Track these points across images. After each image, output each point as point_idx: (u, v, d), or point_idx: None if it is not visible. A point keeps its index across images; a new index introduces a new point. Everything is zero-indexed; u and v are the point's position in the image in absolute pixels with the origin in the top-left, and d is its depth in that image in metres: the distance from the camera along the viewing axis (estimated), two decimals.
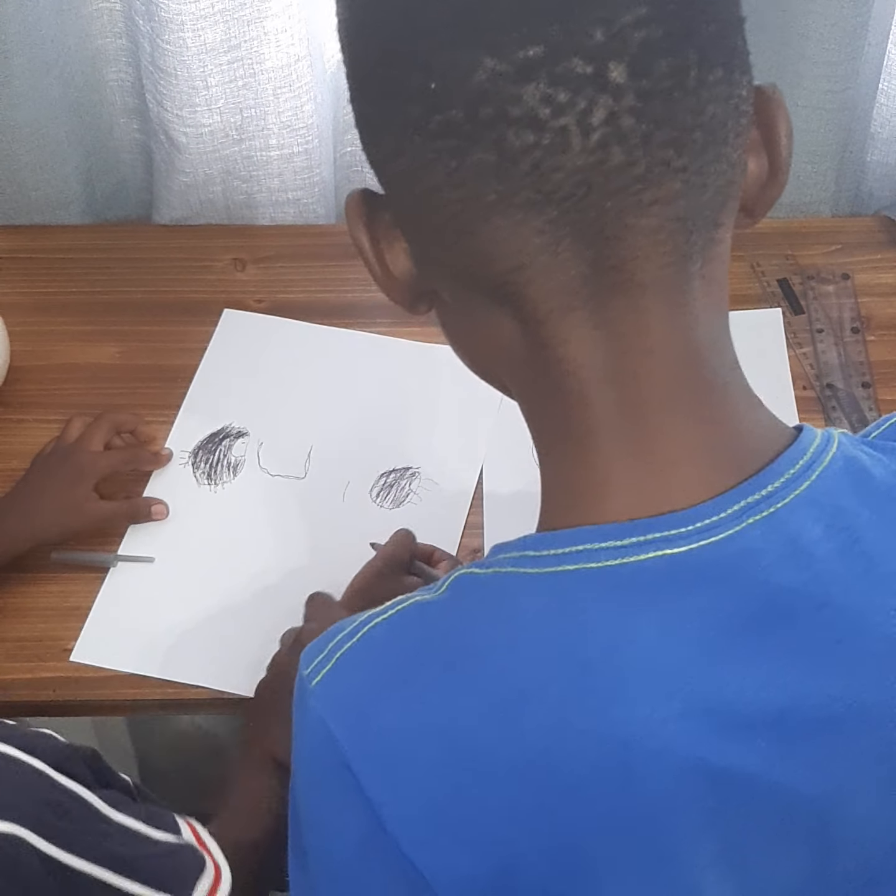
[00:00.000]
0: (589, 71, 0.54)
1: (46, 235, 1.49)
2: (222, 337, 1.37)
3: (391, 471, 1.26)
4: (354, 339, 1.37)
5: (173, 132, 1.42)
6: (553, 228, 0.57)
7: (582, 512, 0.63)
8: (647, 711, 0.61)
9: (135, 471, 1.25)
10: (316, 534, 1.21)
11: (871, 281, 1.40)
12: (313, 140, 1.44)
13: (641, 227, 0.58)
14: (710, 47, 0.57)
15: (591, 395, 0.62)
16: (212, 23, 1.32)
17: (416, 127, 0.58)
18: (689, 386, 0.62)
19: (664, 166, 0.57)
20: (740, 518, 0.62)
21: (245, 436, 1.29)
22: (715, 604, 0.61)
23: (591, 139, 0.55)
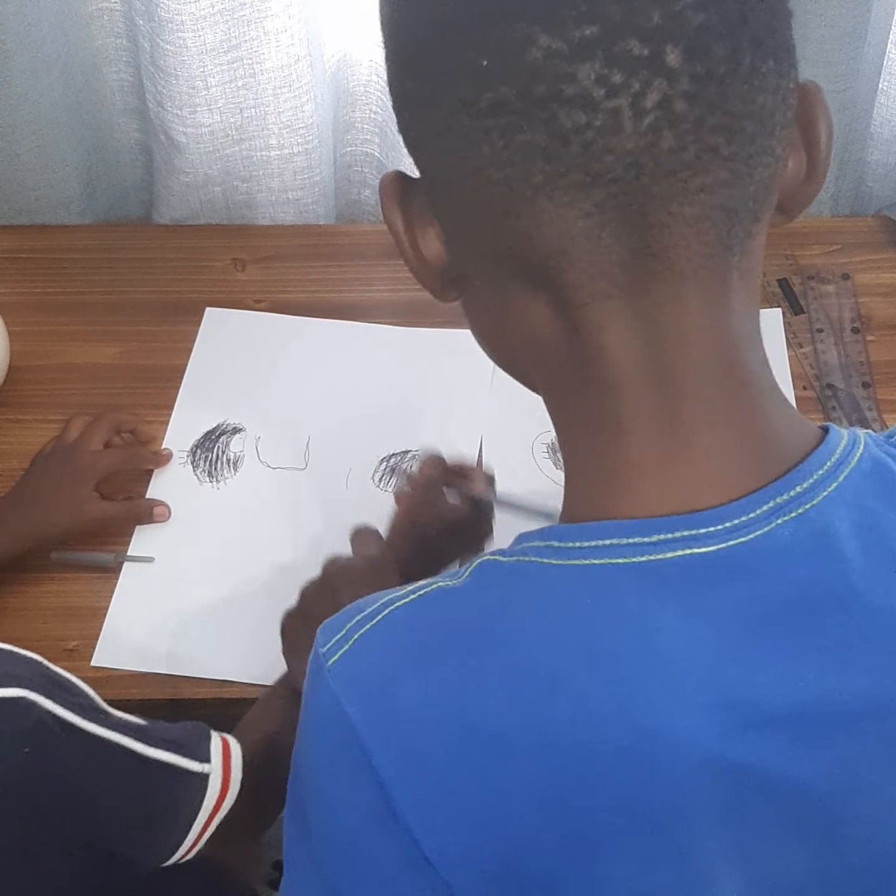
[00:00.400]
0: (645, 53, 0.54)
1: (47, 235, 1.49)
2: (206, 336, 1.38)
3: (391, 455, 1.27)
4: (340, 329, 1.38)
5: (173, 132, 1.42)
6: (598, 212, 0.57)
7: (610, 505, 0.63)
8: (673, 704, 0.61)
9: (135, 470, 1.25)
10: (322, 522, 1.22)
11: (871, 281, 1.40)
12: (313, 140, 1.44)
13: (686, 215, 0.57)
14: (764, 36, 0.57)
15: (624, 385, 0.62)
16: (212, 23, 1.32)
17: (465, 105, 0.57)
18: (724, 380, 0.62)
19: (713, 153, 0.56)
20: (769, 518, 0.61)
21: (242, 431, 1.29)
22: (741, 601, 0.61)
23: (643, 122, 0.55)
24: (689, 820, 0.62)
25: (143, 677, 1.13)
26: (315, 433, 1.29)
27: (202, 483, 1.26)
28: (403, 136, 0.64)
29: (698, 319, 0.60)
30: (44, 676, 0.82)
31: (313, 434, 1.29)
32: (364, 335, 1.37)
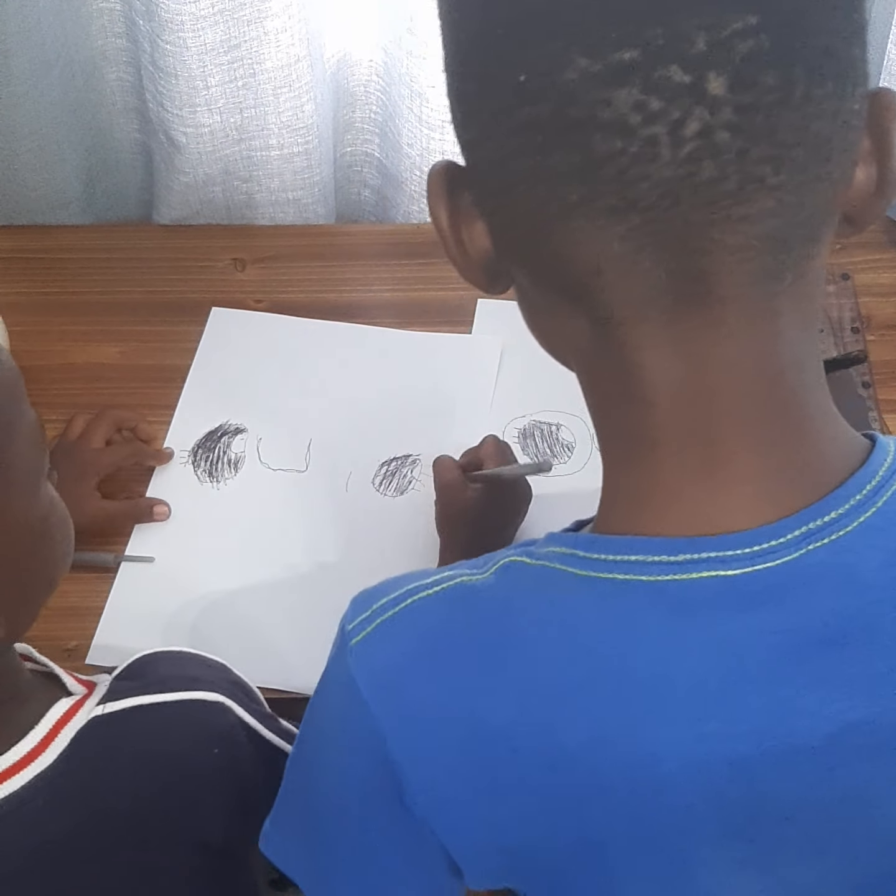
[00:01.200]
0: (686, 80, 0.52)
1: (47, 235, 1.49)
2: (212, 335, 1.38)
3: (392, 459, 1.26)
4: (345, 331, 1.38)
5: (173, 132, 1.42)
6: (635, 236, 0.55)
7: (639, 520, 0.62)
8: (683, 729, 0.60)
9: (137, 466, 1.25)
10: (321, 525, 1.22)
11: (872, 281, 1.40)
12: (313, 140, 1.44)
13: (728, 243, 0.55)
14: (822, 60, 0.54)
15: (660, 404, 0.60)
16: (212, 23, 1.32)
17: (503, 117, 0.56)
18: (764, 405, 0.60)
19: (758, 183, 0.54)
20: (800, 544, 0.60)
21: (243, 432, 1.29)
22: (763, 628, 0.60)
23: (681, 151, 0.53)
24: (696, 839, 0.63)
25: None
26: (317, 436, 1.29)
27: (202, 483, 1.25)
28: (455, 129, 0.62)
29: (739, 343, 0.59)
30: (231, 682, 0.88)
31: (315, 436, 1.29)
32: (369, 338, 1.37)
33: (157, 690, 0.83)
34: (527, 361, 1.32)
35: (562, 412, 1.28)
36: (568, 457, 1.25)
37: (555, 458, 1.25)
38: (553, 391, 1.29)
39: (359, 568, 1.17)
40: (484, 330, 1.35)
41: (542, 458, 1.09)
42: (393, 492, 1.24)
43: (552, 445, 1.26)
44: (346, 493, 1.24)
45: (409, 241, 1.47)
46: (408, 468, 1.25)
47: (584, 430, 1.26)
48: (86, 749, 0.80)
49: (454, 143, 0.63)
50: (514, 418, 1.28)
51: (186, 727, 0.83)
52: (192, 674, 0.86)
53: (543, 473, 1.08)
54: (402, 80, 1.40)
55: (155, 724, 0.82)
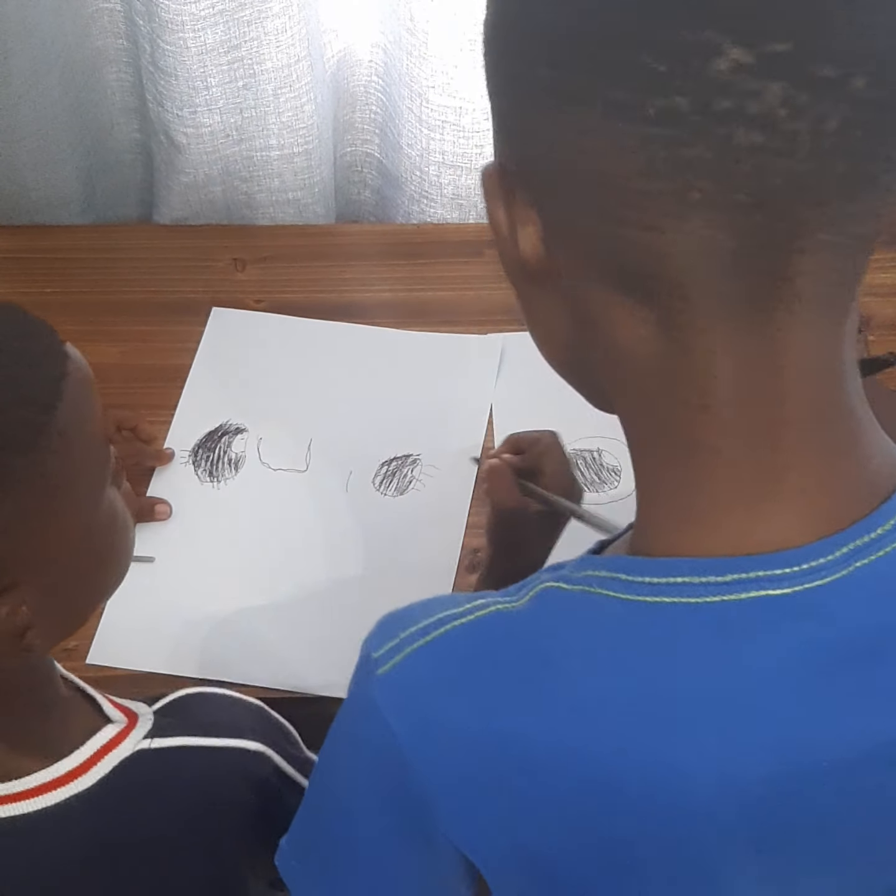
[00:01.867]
0: (833, 75, 0.51)
1: (46, 235, 1.49)
2: (213, 335, 1.38)
3: (392, 459, 1.26)
4: (345, 331, 1.38)
5: (173, 132, 1.42)
6: (746, 234, 0.54)
7: (685, 540, 0.61)
8: (722, 748, 0.60)
9: (138, 464, 1.25)
10: (321, 525, 1.22)
11: (872, 280, 1.40)
12: (313, 140, 1.44)
13: (831, 243, 0.55)
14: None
15: (728, 414, 0.58)
16: (212, 23, 1.32)
17: (624, 108, 0.53)
18: (825, 413, 0.59)
19: (871, 182, 0.54)
20: (848, 562, 0.59)
21: (244, 432, 1.29)
22: (809, 644, 0.60)
23: (819, 147, 0.52)
24: (722, 853, 0.63)
25: (144, 677, 1.12)
26: (317, 436, 1.29)
27: (203, 483, 1.26)
28: (501, 122, 0.60)
29: (814, 347, 0.58)
30: (273, 726, 0.90)
31: (316, 436, 1.29)
32: (370, 338, 1.37)
33: (204, 734, 0.85)
34: (555, 392, 1.31)
35: (599, 437, 1.26)
36: (617, 481, 1.23)
37: (604, 483, 1.23)
38: (583, 416, 1.28)
39: (358, 568, 1.17)
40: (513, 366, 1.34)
41: (604, 520, 1.04)
42: (393, 492, 1.24)
43: (598, 472, 1.24)
44: (345, 494, 1.24)
45: (408, 241, 1.47)
46: (408, 468, 1.25)
47: (624, 452, 1.25)
48: (126, 779, 0.81)
49: (453, 144, 0.62)
50: None
51: (228, 774, 0.85)
52: (238, 721, 0.88)
53: (604, 532, 1.00)
54: (402, 80, 1.40)
55: (199, 767, 0.85)
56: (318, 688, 1.10)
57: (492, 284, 1.41)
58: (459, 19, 1.32)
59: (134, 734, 0.83)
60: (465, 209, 1.49)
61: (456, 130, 1.41)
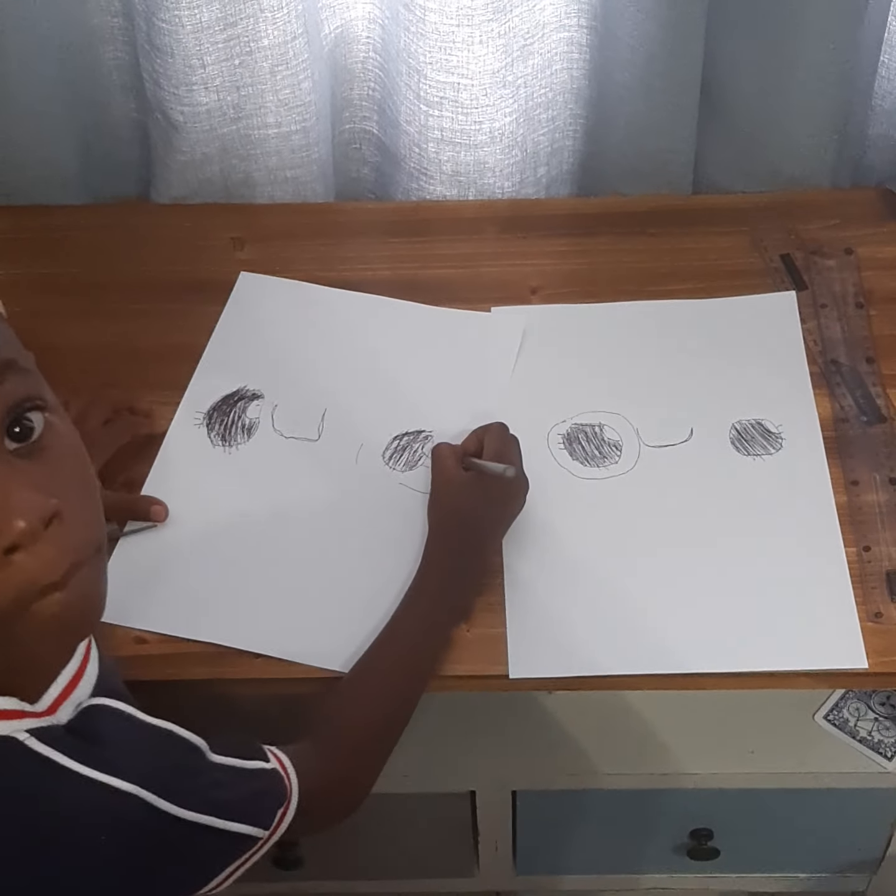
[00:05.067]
0: None
1: (44, 215, 1.48)
2: (238, 299, 1.38)
3: (404, 434, 1.26)
4: (369, 302, 1.38)
5: (170, 111, 1.41)
6: None
7: None
8: None
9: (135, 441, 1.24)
10: (328, 495, 1.22)
11: (874, 254, 1.40)
12: (311, 118, 1.43)
13: None
14: None
15: None
16: (207, 1, 1.32)
17: None
18: None
19: None
20: None
21: (260, 398, 1.29)
22: None
23: None
24: None
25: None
26: (332, 406, 1.29)
27: (215, 447, 1.25)
28: None
29: None
30: (154, 758, 0.82)
31: (330, 406, 1.29)
32: (390, 310, 1.37)
33: (82, 760, 0.78)
34: (555, 365, 1.32)
35: (601, 411, 1.27)
36: (618, 456, 1.23)
37: (605, 458, 1.23)
38: (587, 391, 1.29)
39: (361, 540, 1.17)
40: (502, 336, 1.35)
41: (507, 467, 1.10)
42: (402, 466, 1.24)
43: (599, 446, 1.24)
44: (355, 465, 1.24)
45: (408, 218, 1.47)
46: (419, 444, 1.25)
47: (627, 427, 1.25)
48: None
49: (452, 120, 0.61)
50: (555, 424, 1.26)
51: (82, 811, 0.78)
52: (126, 757, 0.80)
53: (506, 475, 1.10)
54: (400, 56, 1.40)
55: (51, 790, 0.77)
56: (317, 657, 1.10)
57: (490, 261, 1.41)
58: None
59: (24, 721, 0.77)
60: (464, 186, 1.49)
61: (454, 106, 1.40)
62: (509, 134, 1.44)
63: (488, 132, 1.43)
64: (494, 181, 1.48)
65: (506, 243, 1.43)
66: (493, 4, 1.33)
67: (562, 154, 1.52)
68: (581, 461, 1.23)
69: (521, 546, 1.16)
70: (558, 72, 1.44)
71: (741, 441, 1.22)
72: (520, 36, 1.37)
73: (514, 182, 1.49)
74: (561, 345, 1.33)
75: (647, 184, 1.49)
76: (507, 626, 1.11)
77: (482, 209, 1.48)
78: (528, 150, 1.48)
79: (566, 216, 1.46)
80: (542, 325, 1.35)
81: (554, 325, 1.35)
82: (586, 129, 1.50)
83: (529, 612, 1.12)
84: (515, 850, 1.47)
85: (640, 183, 1.49)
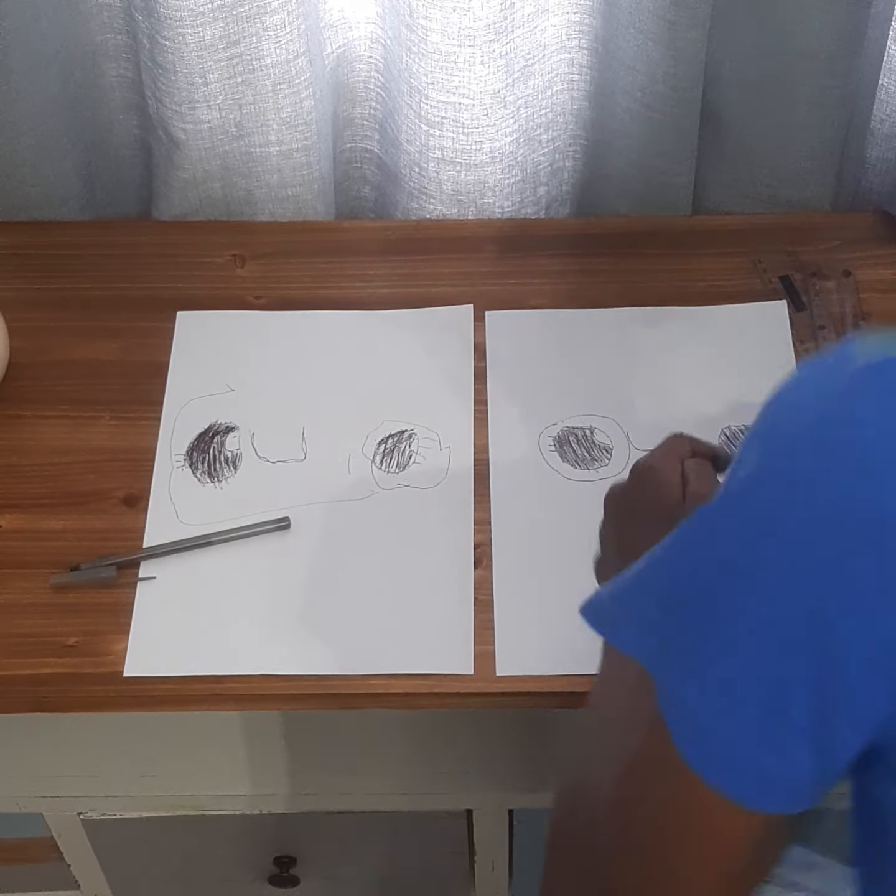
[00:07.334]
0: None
1: (45, 231, 1.49)
2: (182, 339, 1.37)
3: (388, 436, 1.28)
4: (314, 318, 1.39)
5: (172, 128, 1.42)
6: None
7: None
8: None
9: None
10: (330, 509, 1.23)
11: (872, 277, 1.40)
12: (312, 136, 1.44)
13: None
14: None
15: None
16: (210, 19, 1.32)
17: None
18: None
19: None
20: None
21: (234, 429, 1.29)
22: None
23: None
24: None
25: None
26: (309, 423, 1.29)
27: (204, 484, 1.25)
28: None
29: None
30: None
31: (307, 424, 1.29)
32: (341, 323, 1.38)
33: None
34: (545, 369, 1.32)
35: (592, 415, 1.28)
36: (608, 459, 1.25)
37: (595, 461, 1.24)
38: (577, 394, 1.30)
39: (371, 550, 1.19)
40: (498, 338, 1.36)
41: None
42: (395, 468, 1.25)
43: (590, 449, 1.25)
44: (349, 475, 1.25)
45: (408, 237, 1.47)
46: (405, 443, 1.27)
47: (617, 431, 1.26)
48: None
49: (452, 140, 0.61)
50: (545, 427, 1.27)
51: None
52: None
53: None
54: (402, 76, 1.40)
55: None
56: (325, 666, 1.12)
57: (489, 280, 1.41)
58: (458, 15, 1.32)
59: None
60: (465, 205, 1.49)
61: (455, 126, 1.41)
62: (510, 154, 1.45)
63: (489, 152, 1.44)
64: (494, 201, 1.49)
65: (505, 262, 1.43)
66: (494, 25, 1.33)
67: (562, 174, 1.52)
68: (571, 463, 1.24)
69: (510, 547, 1.18)
70: (559, 93, 1.45)
71: (730, 446, 1.23)
72: (521, 57, 1.38)
73: (514, 202, 1.50)
74: (552, 348, 1.34)
75: (647, 205, 1.49)
76: (496, 628, 1.13)
77: (482, 228, 1.48)
78: (529, 170, 1.48)
79: (566, 236, 1.47)
80: (535, 329, 1.36)
81: (546, 328, 1.36)
82: (586, 149, 1.51)
83: (519, 614, 1.14)
84: (512, 869, 1.47)
85: (640, 204, 1.50)
